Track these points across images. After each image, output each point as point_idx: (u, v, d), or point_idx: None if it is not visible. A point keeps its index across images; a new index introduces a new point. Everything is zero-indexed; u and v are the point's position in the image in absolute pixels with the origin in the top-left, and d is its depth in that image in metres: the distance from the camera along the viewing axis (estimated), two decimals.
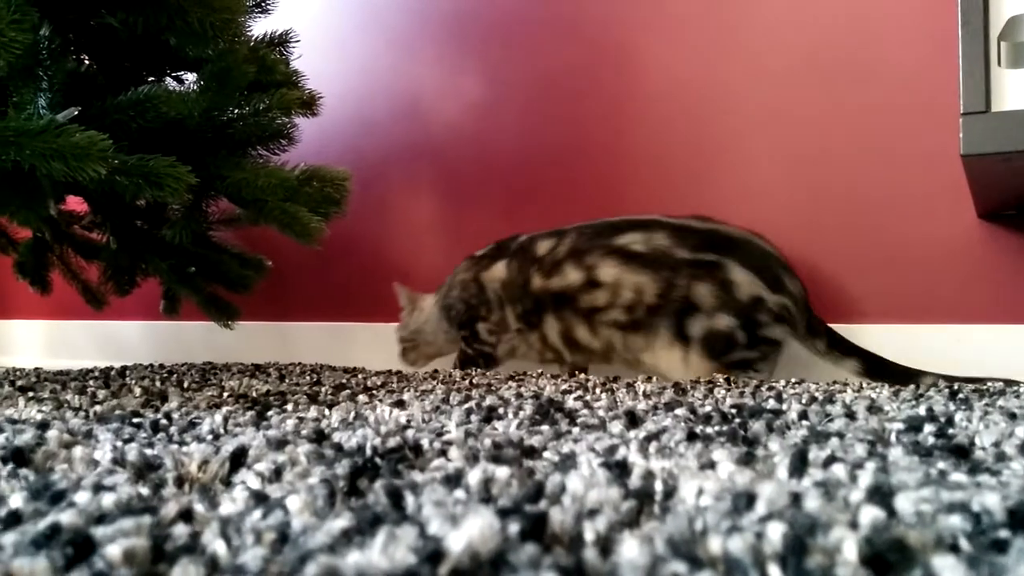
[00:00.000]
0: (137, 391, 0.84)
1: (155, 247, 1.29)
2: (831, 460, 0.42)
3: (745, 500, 0.32)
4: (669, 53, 1.29)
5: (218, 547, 0.30)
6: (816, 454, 0.44)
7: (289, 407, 0.72)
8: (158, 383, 0.93)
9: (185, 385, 0.91)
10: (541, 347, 1.19)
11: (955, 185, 1.09)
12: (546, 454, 0.49)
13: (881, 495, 0.33)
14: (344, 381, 0.95)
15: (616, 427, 0.59)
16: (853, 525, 0.29)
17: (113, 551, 0.28)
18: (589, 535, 0.31)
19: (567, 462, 0.46)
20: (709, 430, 0.56)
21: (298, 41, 1.28)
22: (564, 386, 0.86)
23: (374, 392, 0.83)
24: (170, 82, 1.31)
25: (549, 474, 0.40)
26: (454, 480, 0.39)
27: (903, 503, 0.31)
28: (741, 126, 1.22)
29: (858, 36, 1.15)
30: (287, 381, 0.95)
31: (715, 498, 0.34)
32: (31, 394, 0.81)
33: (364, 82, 1.60)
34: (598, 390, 0.85)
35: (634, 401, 0.74)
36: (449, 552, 0.26)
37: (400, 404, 0.72)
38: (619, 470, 0.41)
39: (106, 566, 0.27)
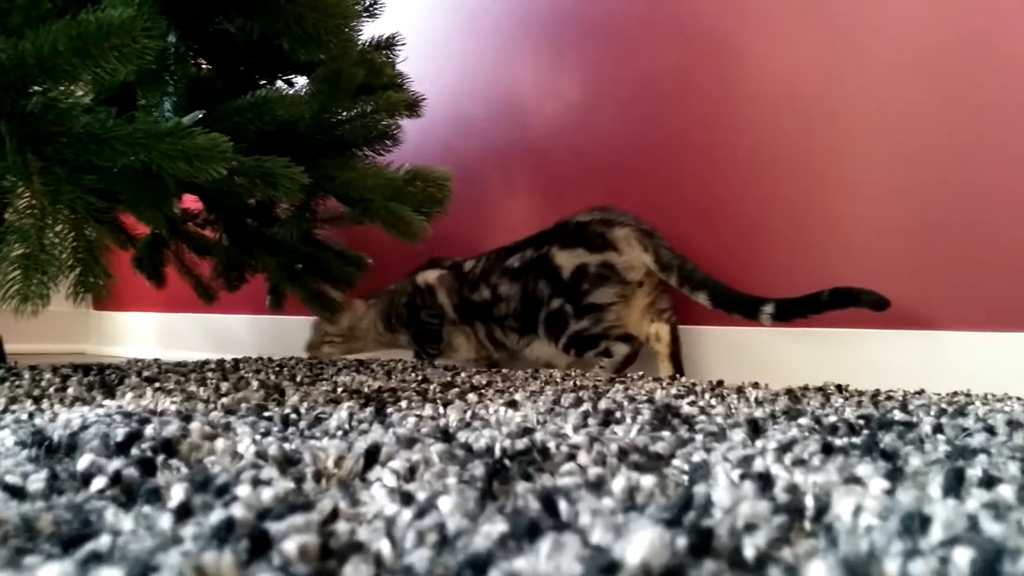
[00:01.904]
0: (255, 384, 0.87)
1: (264, 244, 1.34)
2: (990, 480, 0.40)
3: (919, 521, 0.31)
4: (775, 52, 1.26)
5: (383, 546, 0.30)
6: (969, 473, 0.42)
7: (403, 404, 0.73)
8: (272, 376, 0.96)
9: (298, 379, 0.93)
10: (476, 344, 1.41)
11: None
12: (675, 462, 0.48)
13: None
14: (450, 379, 0.96)
15: (737, 435, 0.58)
16: None
17: (289, 547, 0.29)
18: (749, 551, 0.30)
19: (699, 471, 0.45)
20: (839, 442, 0.54)
21: (404, 44, 1.31)
22: (673, 390, 0.85)
23: (482, 391, 0.84)
24: (280, 85, 1.36)
25: (693, 484, 0.39)
26: (596, 486, 0.39)
27: None
28: (853, 127, 1.18)
29: (977, 29, 1.09)
30: (394, 378, 0.97)
31: (879, 517, 0.33)
32: (157, 385, 0.85)
33: (462, 82, 1.62)
34: (707, 395, 0.84)
35: (750, 408, 0.72)
36: (625, 564, 0.26)
37: (512, 404, 0.72)
38: (762, 482, 0.40)
39: (282, 562, 0.28)
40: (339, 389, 0.83)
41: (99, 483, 0.38)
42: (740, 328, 1.22)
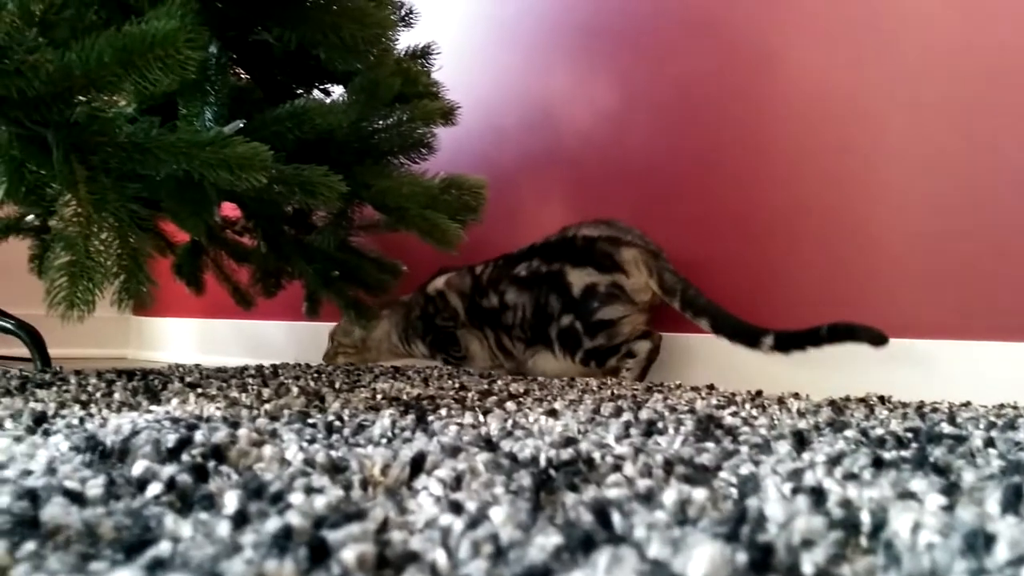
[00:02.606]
0: (295, 390, 0.87)
1: (302, 251, 1.35)
2: None
3: (983, 539, 0.30)
4: (811, 56, 1.24)
5: (438, 556, 0.30)
6: None
7: (443, 412, 0.73)
8: (311, 383, 0.97)
9: (337, 386, 0.94)
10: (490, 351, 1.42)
11: None
12: (722, 474, 0.48)
13: None
14: (487, 387, 0.96)
15: (783, 447, 0.57)
16: None
17: (348, 556, 0.29)
18: (808, 568, 0.30)
19: (748, 484, 0.45)
20: (889, 455, 0.53)
21: (439, 53, 1.31)
22: (713, 400, 0.85)
23: (520, 400, 0.84)
24: (317, 95, 1.37)
25: (744, 498, 0.39)
26: (647, 499, 0.39)
27: None
28: (890, 131, 1.16)
29: (1013, 31, 1.07)
30: (432, 385, 0.97)
31: (940, 534, 0.32)
32: (200, 390, 0.86)
33: (496, 91, 1.62)
34: (747, 405, 0.83)
35: (792, 420, 0.71)
36: None
37: (552, 413, 0.72)
38: (815, 497, 0.39)
39: (342, 571, 0.28)
40: (378, 396, 0.84)
41: (155, 489, 0.39)
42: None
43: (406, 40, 1.31)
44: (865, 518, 0.36)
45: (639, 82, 1.44)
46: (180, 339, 2.03)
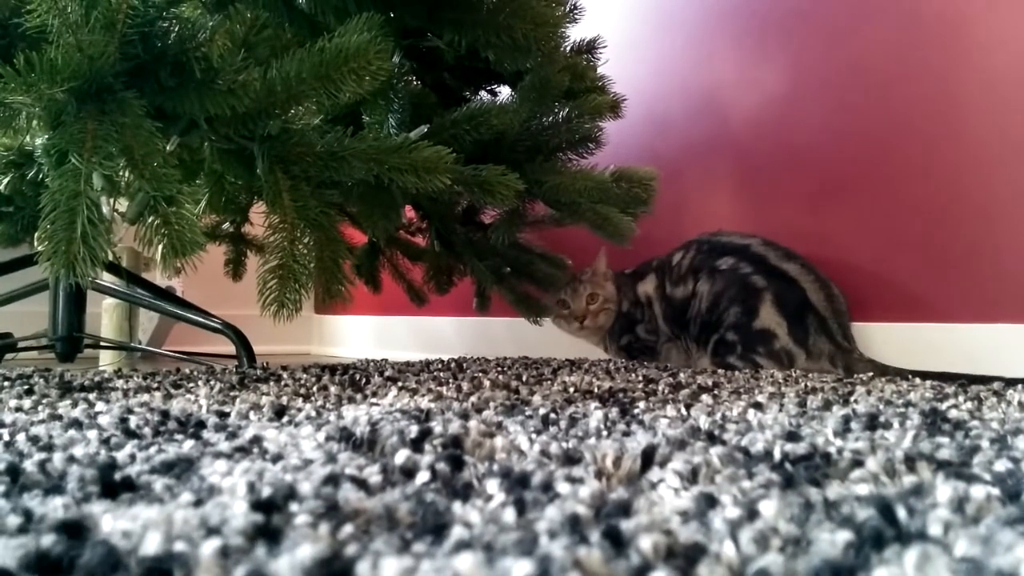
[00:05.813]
0: (487, 383, 0.90)
1: (473, 249, 1.40)
2: None
3: None
4: (1009, 22, 1.15)
5: (726, 549, 0.31)
6: None
7: (641, 405, 0.73)
8: (497, 376, 1.00)
9: (524, 379, 0.97)
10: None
11: None
12: (974, 471, 0.45)
13: None
14: (672, 380, 0.96)
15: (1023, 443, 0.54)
16: None
17: (645, 544, 0.30)
18: None
19: (1009, 482, 0.42)
20: None
21: (605, 46, 1.32)
22: (925, 393, 0.80)
23: (715, 393, 0.83)
24: (484, 96, 1.40)
25: (1013, 496, 0.37)
26: (915, 495, 0.37)
27: None
28: None
29: None
30: (618, 378, 0.98)
31: None
32: (400, 384, 0.91)
33: (658, 81, 1.60)
34: (960, 398, 0.78)
35: (1021, 413, 0.67)
36: None
37: (758, 406, 0.71)
38: None
39: (641, 561, 0.29)
40: (570, 389, 0.85)
41: (423, 477, 0.41)
42: None
43: (572, 35, 1.32)
44: None
45: (810, 62, 1.38)
46: (358, 335, 2.15)
